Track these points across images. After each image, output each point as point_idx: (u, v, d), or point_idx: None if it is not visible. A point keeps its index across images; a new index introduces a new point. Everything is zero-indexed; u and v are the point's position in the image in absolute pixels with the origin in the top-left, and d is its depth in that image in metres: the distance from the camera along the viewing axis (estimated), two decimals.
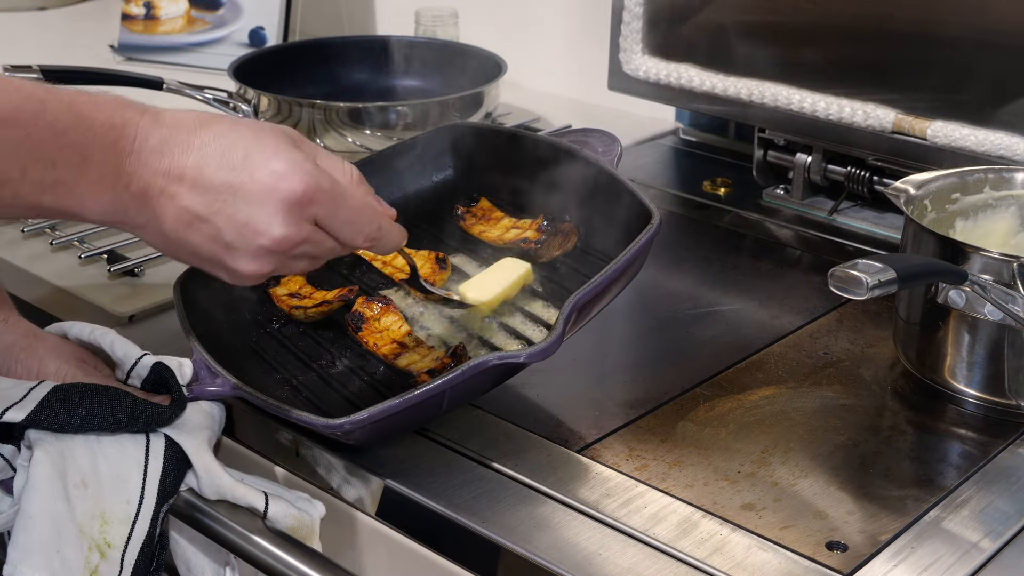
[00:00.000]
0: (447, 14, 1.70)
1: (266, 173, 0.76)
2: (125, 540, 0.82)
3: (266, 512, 0.84)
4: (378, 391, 0.96)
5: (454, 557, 0.85)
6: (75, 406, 0.81)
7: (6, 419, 0.80)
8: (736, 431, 0.95)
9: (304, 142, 0.81)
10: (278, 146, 0.77)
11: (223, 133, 0.76)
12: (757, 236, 1.34)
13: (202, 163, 0.75)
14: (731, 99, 1.37)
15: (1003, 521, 0.84)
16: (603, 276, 0.91)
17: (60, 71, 1.50)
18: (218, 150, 0.76)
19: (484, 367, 0.85)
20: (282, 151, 0.77)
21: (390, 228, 0.85)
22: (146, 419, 0.83)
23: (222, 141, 0.76)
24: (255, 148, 0.76)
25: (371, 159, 1.18)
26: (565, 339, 0.88)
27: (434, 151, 1.19)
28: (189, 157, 0.75)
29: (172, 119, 0.77)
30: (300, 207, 0.77)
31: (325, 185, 0.78)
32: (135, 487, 0.82)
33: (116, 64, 1.91)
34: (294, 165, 0.76)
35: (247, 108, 1.49)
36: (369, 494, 0.89)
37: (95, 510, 0.81)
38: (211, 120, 0.78)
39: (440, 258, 1.09)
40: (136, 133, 0.75)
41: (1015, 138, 1.17)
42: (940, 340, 0.98)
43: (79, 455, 0.81)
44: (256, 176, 0.76)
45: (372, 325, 1.01)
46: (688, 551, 0.80)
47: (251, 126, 0.78)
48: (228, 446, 0.97)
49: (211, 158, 0.75)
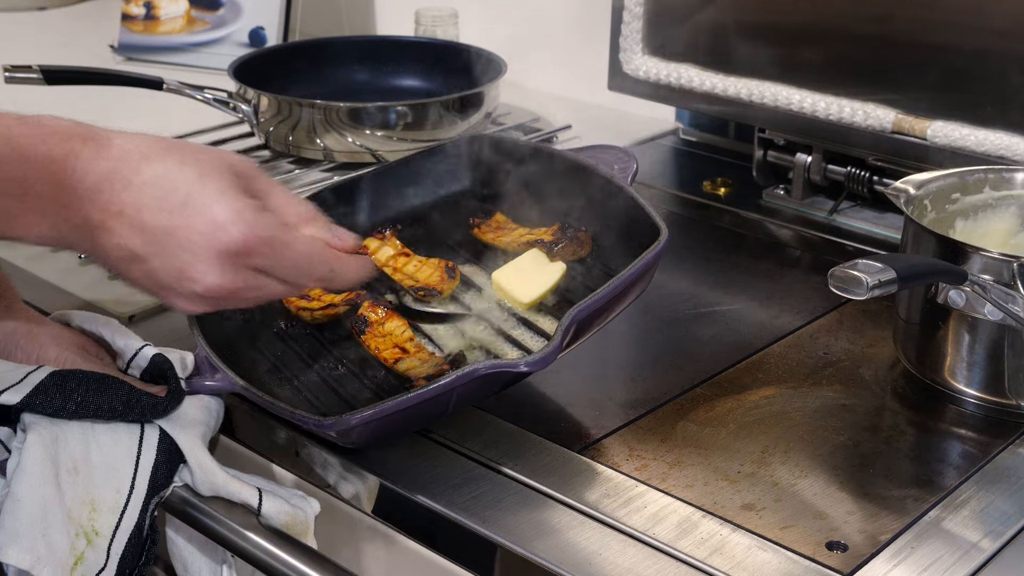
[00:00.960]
0: (447, 14, 1.70)
1: (204, 221, 0.73)
2: (113, 529, 0.81)
3: (260, 509, 0.84)
4: (378, 395, 0.96)
5: (453, 557, 0.85)
6: (71, 392, 0.81)
7: (1, 401, 0.80)
8: (736, 431, 0.95)
9: (256, 179, 0.78)
10: (221, 192, 0.74)
11: (166, 172, 0.73)
12: (757, 236, 1.34)
13: (141, 203, 0.73)
14: (731, 99, 1.37)
15: (1003, 521, 0.84)
16: (606, 290, 0.91)
17: (60, 71, 1.50)
18: (158, 192, 0.73)
19: (475, 375, 0.84)
20: (224, 198, 0.74)
21: (343, 268, 0.81)
22: (141, 409, 0.83)
23: (163, 182, 0.73)
24: (197, 192, 0.73)
25: (391, 165, 1.17)
26: (566, 351, 0.88)
27: (451, 161, 1.19)
28: (129, 195, 0.73)
29: (118, 150, 0.74)
30: (238, 257, 0.74)
31: (266, 234, 0.75)
32: (126, 477, 0.82)
33: (116, 64, 1.91)
34: (234, 214, 0.73)
35: (247, 108, 1.49)
36: (369, 493, 0.89)
37: (85, 497, 0.81)
38: (159, 154, 0.75)
39: (449, 267, 1.09)
40: (76, 166, 0.73)
41: (1015, 138, 1.17)
42: (940, 340, 0.98)
43: (72, 441, 0.81)
44: (194, 224, 0.73)
45: (376, 329, 1.01)
46: (688, 551, 0.80)
47: (199, 163, 0.75)
48: (227, 445, 0.97)
49: (151, 199, 0.73)
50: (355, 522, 0.91)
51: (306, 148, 1.47)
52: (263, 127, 1.50)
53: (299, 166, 1.48)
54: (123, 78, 1.54)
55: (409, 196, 1.16)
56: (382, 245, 1.12)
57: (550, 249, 1.06)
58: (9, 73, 1.48)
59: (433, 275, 1.08)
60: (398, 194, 1.17)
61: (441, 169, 1.19)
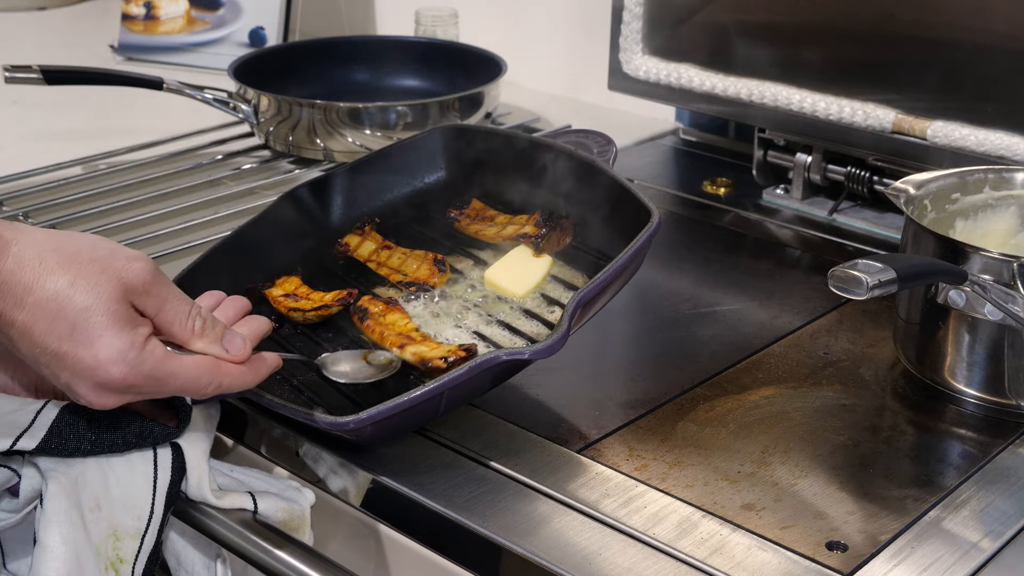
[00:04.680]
0: (447, 14, 1.70)
1: (87, 355, 0.76)
2: (135, 554, 0.83)
3: (255, 511, 0.84)
4: (380, 391, 0.96)
5: (454, 557, 0.85)
6: (84, 431, 0.82)
7: (18, 448, 0.81)
8: (736, 431, 0.95)
9: (149, 294, 0.79)
10: (104, 327, 0.76)
11: (57, 296, 0.75)
12: (757, 236, 1.34)
13: (31, 323, 0.75)
14: (731, 99, 1.37)
15: (1003, 521, 0.84)
16: (606, 274, 0.91)
17: (60, 71, 1.50)
18: (47, 315, 0.75)
19: (494, 363, 0.85)
20: (107, 334, 0.76)
21: (232, 380, 0.83)
22: (154, 439, 0.84)
23: (52, 307, 0.75)
24: (83, 325, 0.75)
25: (367, 159, 1.18)
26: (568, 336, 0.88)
27: (428, 152, 1.19)
28: (20, 313, 0.75)
29: (15, 260, 0.76)
30: (119, 392, 0.78)
31: (147, 371, 0.77)
32: (145, 504, 0.83)
33: (116, 64, 1.91)
34: (115, 354, 0.76)
35: (247, 108, 1.50)
36: (367, 493, 0.89)
37: (108, 530, 0.82)
38: (52, 271, 0.76)
39: (438, 259, 1.09)
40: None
41: (1015, 138, 1.17)
42: (940, 340, 0.98)
43: (91, 479, 0.82)
44: (78, 354, 0.76)
45: (377, 319, 1.01)
46: (688, 551, 0.80)
47: (89, 289, 0.76)
48: (229, 445, 0.97)
49: (40, 322, 0.75)
50: (354, 521, 0.91)
51: (306, 148, 1.47)
52: (263, 127, 1.50)
53: (299, 166, 1.48)
54: (123, 78, 1.54)
55: (385, 190, 1.17)
56: (363, 240, 1.12)
57: (536, 245, 1.06)
58: (9, 73, 1.48)
59: (421, 268, 1.07)
60: (375, 188, 1.17)
61: (416, 161, 1.19)
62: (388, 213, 1.17)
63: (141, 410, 0.85)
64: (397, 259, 1.10)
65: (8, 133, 1.62)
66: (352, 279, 1.10)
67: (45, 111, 1.69)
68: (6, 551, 0.86)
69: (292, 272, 1.09)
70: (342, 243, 1.13)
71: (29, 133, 1.62)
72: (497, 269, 1.06)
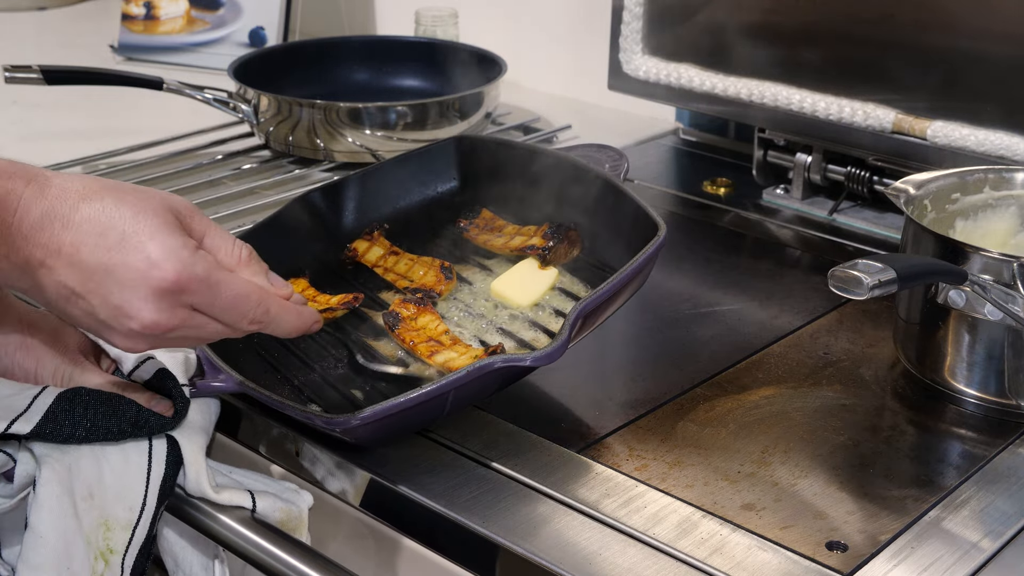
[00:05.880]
0: (447, 14, 1.70)
1: (140, 258, 0.75)
2: (126, 545, 0.83)
3: (254, 510, 0.84)
4: (381, 393, 0.96)
5: (454, 557, 0.85)
6: (79, 418, 0.82)
7: (13, 431, 0.81)
8: (736, 431, 0.95)
9: (194, 218, 0.79)
10: (156, 229, 0.75)
11: (104, 211, 0.75)
12: (757, 236, 1.34)
13: (79, 241, 0.74)
14: (731, 99, 1.37)
15: (1003, 521, 0.84)
16: (610, 284, 0.92)
17: (60, 71, 1.50)
18: (96, 229, 0.75)
19: (489, 369, 0.85)
20: (159, 235, 0.75)
21: (280, 311, 0.81)
22: (150, 428, 0.84)
23: (101, 220, 0.75)
24: (133, 230, 0.75)
25: (381, 166, 1.18)
26: (570, 346, 0.88)
27: (442, 162, 1.19)
28: (68, 234, 0.74)
29: (58, 189, 0.75)
30: (172, 295, 0.76)
31: (200, 273, 0.76)
32: (138, 495, 0.83)
33: (116, 64, 1.91)
34: (168, 252, 0.75)
35: (247, 108, 1.50)
36: (367, 493, 0.89)
37: (100, 519, 0.82)
38: (96, 192, 0.76)
39: (445, 267, 1.09)
40: (18, 206, 0.74)
41: (1015, 138, 1.17)
42: (940, 340, 0.98)
43: (85, 467, 0.82)
44: (130, 261, 0.75)
45: (408, 324, 1.01)
46: (688, 551, 0.80)
47: (136, 202, 0.76)
48: (227, 444, 0.97)
49: (88, 236, 0.74)
50: (353, 521, 0.91)
51: (306, 148, 1.47)
52: (263, 127, 1.50)
53: (299, 166, 1.48)
54: (123, 78, 1.54)
55: (398, 197, 1.17)
56: (371, 246, 1.13)
57: (543, 258, 1.06)
58: (9, 73, 1.48)
59: (428, 275, 1.08)
60: (387, 195, 1.17)
61: (429, 169, 1.19)
62: (399, 220, 1.17)
63: (138, 399, 0.85)
64: (404, 265, 1.10)
65: (8, 133, 1.62)
66: (359, 284, 1.10)
67: (45, 111, 1.69)
68: (2, 539, 0.86)
69: (299, 274, 1.09)
70: (351, 248, 1.13)
71: (29, 133, 1.62)
72: (503, 280, 1.07)
